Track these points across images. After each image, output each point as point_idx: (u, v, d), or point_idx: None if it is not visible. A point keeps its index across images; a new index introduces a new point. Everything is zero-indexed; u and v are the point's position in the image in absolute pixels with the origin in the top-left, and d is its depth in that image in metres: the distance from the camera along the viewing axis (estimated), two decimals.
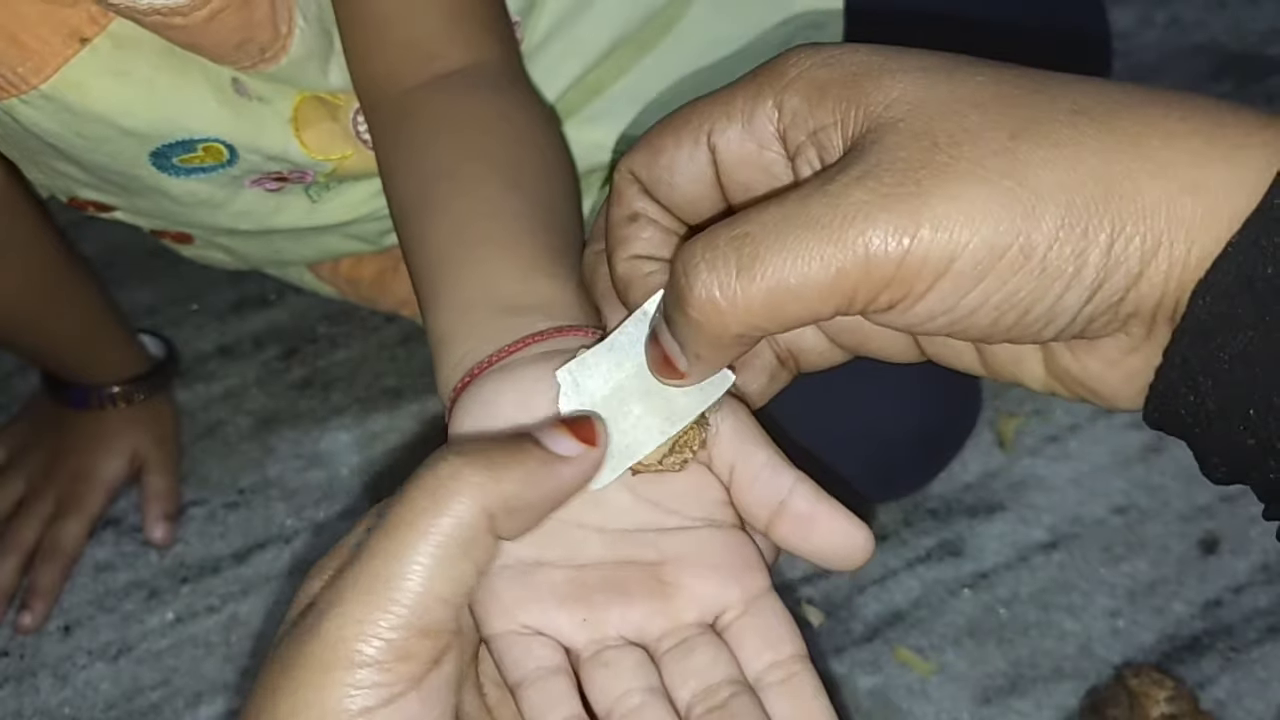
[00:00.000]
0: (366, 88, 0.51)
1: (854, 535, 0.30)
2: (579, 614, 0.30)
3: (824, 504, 0.30)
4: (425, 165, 0.45)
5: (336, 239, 0.68)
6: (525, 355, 0.34)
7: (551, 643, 0.30)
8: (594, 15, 0.62)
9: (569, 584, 0.30)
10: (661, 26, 0.66)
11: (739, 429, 0.31)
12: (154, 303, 0.85)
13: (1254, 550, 0.73)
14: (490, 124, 0.47)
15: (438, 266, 0.41)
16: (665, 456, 0.31)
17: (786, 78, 0.26)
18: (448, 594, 0.26)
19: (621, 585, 0.30)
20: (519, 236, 0.41)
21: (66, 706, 0.68)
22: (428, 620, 0.25)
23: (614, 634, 0.30)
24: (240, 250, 0.70)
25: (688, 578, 0.30)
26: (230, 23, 0.48)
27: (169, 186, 0.57)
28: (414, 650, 0.25)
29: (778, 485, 0.30)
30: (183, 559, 0.74)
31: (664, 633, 0.30)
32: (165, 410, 0.77)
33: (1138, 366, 0.26)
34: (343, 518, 0.75)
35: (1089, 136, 0.24)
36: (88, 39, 0.48)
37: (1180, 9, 1.05)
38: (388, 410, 0.80)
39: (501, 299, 0.38)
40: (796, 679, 0.29)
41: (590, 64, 0.63)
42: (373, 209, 0.65)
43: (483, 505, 0.26)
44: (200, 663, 0.70)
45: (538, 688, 0.29)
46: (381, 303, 0.78)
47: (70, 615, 0.72)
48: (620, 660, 0.29)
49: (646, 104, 0.65)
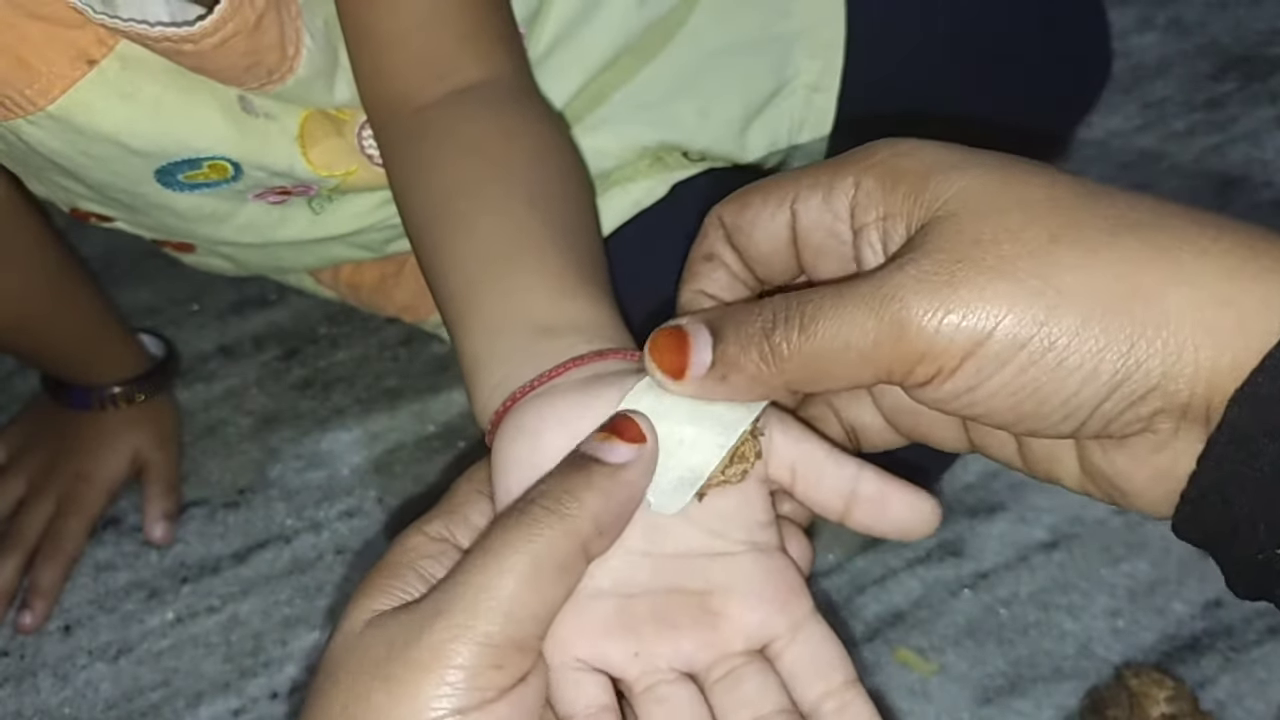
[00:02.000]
0: (377, 105, 0.51)
1: (922, 507, 0.32)
2: (630, 647, 0.30)
3: (891, 483, 0.32)
4: (443, 182, 0.45)
5: (339, 247, 0.68)
6: (567, 380, 0.34)
7: (602, 679, 0.30)
8: (597, 24, 0.62)
9: (619, 615, 0.31)
10: (663, 35, 0.66)
11: (791, 430, 0.32)
12: (154, 303, 0.85)
13: None
14: (508, 141, 0.47)
15: (466, 287, 0.40)
16: (726, 469, 0.31)
17: (869, 161, 0.29)
18: (541, 612, 0.27)
19: (671, 616, 0.31)
20: (547, 256, 0.41)
21: (66, 706, 0.68)
22: (521, 634, 0.27)
23: (664, 665, 0.31)
24: (242, 259, 0.70)
25: (735, 607, 0.31)
26: (240, 48, 0.48)
27: (173, 202, 0.57)
28: (506, 661, 0.27)
29: (844, 474, 0.32)
30: (183, 559, 0.74)
31: (713, 662, 0.31)
32: (166, 410, 0.77)
33: (1164, 466, 0.26)
34: (343, 518, 0.75)
35: (1124, 245, 0.25)
36: (95, 61, 0.48)
37: (1181, 9, 1.04)
38: (389, 410, 0.80)
39: (535, 321, 0.38)
40: (851, 708, 0.30)
41: (593, 72, 0.63)
42: (376, 220, 0.65)
43: (574, 531, 0.28)
44: (200, 663, 0.70)
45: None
46: (383, 308, 0.78)
47: (70, 615, 0.72)
48: (674, 696, 0.30)
49: (648, 111, 0.65)
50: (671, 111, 0.65)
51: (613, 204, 0.64)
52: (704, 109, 0.66)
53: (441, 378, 0.81)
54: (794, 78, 0.68)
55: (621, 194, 0.64)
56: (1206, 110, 0.97)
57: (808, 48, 0.68)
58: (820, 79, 0.68)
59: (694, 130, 0.65)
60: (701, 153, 0.66)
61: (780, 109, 0.68)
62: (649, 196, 0.65)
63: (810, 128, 0.69)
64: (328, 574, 0.73)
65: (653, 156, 0.66)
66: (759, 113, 0.67)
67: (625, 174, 0.65)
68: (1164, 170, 0.93)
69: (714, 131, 0.66)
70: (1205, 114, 0.97)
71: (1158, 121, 0.96)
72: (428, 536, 0.31)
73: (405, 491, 0.76)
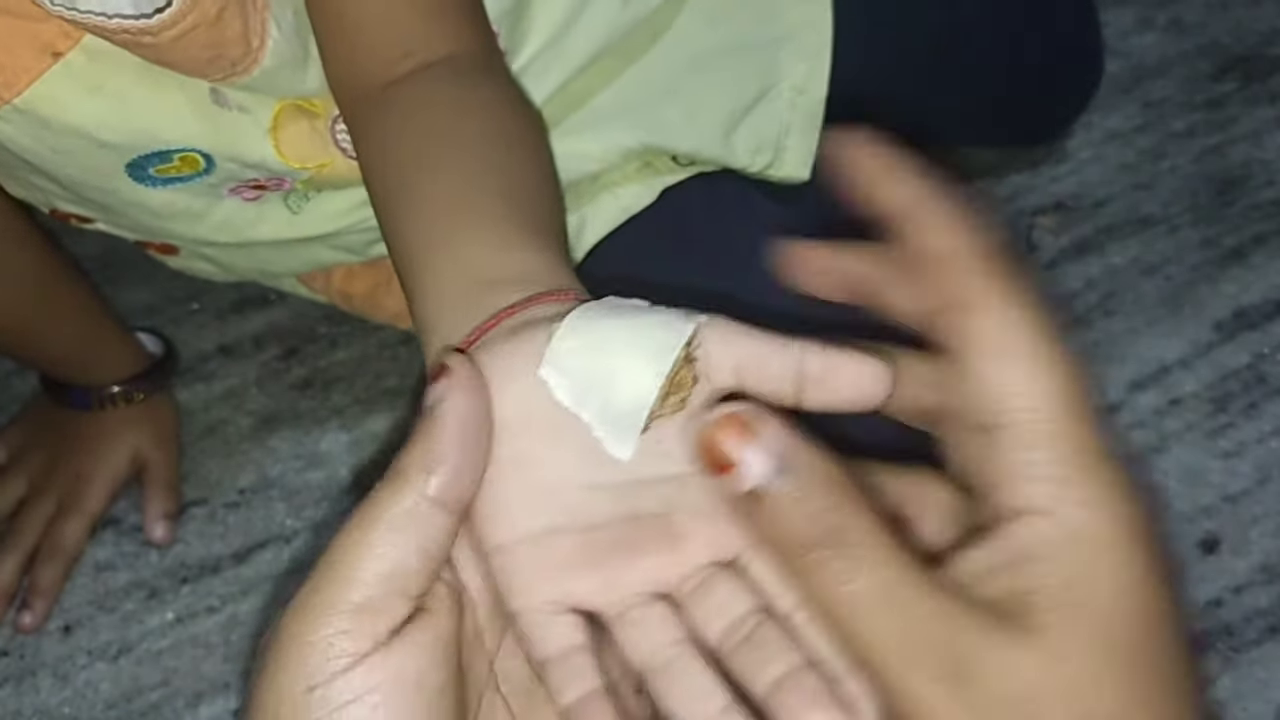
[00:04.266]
0: (345, 90, 0.51)
1: (871, 369, 0.30)
2: (597, 579, 0.30)
3: (835, 355, 0.30)
4: (399, 156, 0.45)
5: (321, 250, 0.67)
6: (498, 330, 0.34)
7: (572, 618, 0.30)
8: (582, 24, 0.61)
9: (582, 550, 0.30)
10: (648, 37, 0.65)
11: (725, 333, 0.31)
12: (154, 302, 0.85)
13: (1254, 550, 0.73)
14: (464, 108, 0.47)
15: (416, 254, 0.40)
16: (664, 400, 0.31)
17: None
18: (384, 569, 0.27)
19: (633, 543, 0.30)
20: (495, 214, 0.40)
21: (66, 706, 0.68)
22: (364, 596, 0.27)
23: (634, 591, 0.30)
24: (225, 262, 0.69)
25: (696, 523, 0.30)
26: (200, 40, 0.47)
27: (146, 198, 0.57)
28: (357, 625, 0.26)
29: (788, 360, 0.30)
30: (183, 559, 0.74)
31: (682, 579, 0.30)
32: (166, 409, 0.77)
33: None
34: (342, 518, 0.75)
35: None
36: (60, 53, 0.48)
37: (1181, 10, 1.04)
38: (388, 410, 0.80)
39: (478, 276, 0.37)
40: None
41: (573, 73, 0.62)
42: (355, 220, 0.64)
43: (401, 484, 0.28)
44: (200, 663, 0.70)
45: (561, 667, 0.29)
46: (375, 316, 0.77)
47: (70, 615, 0.72)
48: (646, 617, 0.30)
49: (632, 114, 0.65)
50: (656, 114, 0.65)
51: (602, 210, 0.63)
52: (689, 112, 0.65)
53: None
54: (780, 80, 0.68)
55: (611, 200, 0.63)
56: (1207, 110, 0.97)
57: (794, 50, 0.68)
58: (807, 82, 0.68)
59: (679, 133, 0.65)
60: (689, 156, 0.66)
61: (767, 112, 0.67)
62: (637, 203, 0.65)
63: (797, 131, 0.68)
64: None
65: (641, 161, 0.66)
66: (745, 116, 0.67)
67: (613, 179, 0.65)
68: (1164, 170, 0.93)
69: (699, 134, 0.65)
70: (1205, 114, 0.97)
71: (1158, 121, 0.96)
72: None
73: None
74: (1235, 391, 0.81)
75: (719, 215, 0.65)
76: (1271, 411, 0.80)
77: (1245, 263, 0.87)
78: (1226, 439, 0.78)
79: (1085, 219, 0.90)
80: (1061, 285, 0.86)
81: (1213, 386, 0.81)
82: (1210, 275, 0.87)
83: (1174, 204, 0.91)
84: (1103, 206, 0.91)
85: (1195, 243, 0.89)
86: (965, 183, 0.92)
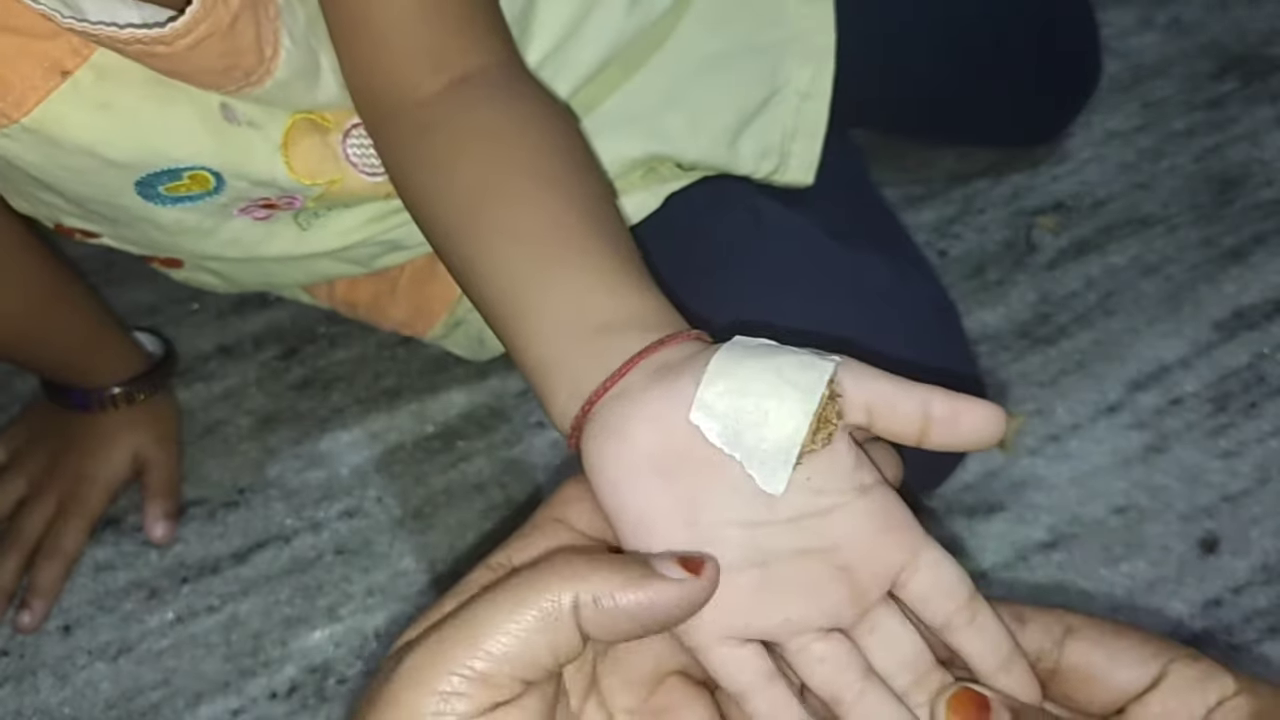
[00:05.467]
0: (373, 102, 0.50)
1: (991, 415, 0.33)
2: (779, 614, 0.32)
3: (959, 400, 0.33)
4: (466, 181, 0.45)
5: (328, 263, 0.67)
6: (638, 374, 0.35)
7: (758, 647, 0.32)
8: (585, 35, 0.61)
9: (761, 586, 0.32)
10: (651, 44, 0.65)
11: (857, 373, 0.33)
12: (154, 302, 0.85)
13: (1254, 550, 0.73)
14: (521, 129, 0.46)
15: (514, 293, 0.40)
16: (814, 436, 0.32)
17: None
18: (524, 658, 0.27)
19: (808, 579, 0.32)
20: (589, 252, 0.41)
21: (66, 706, 0.68)
22: (497, 672, 0.27)
23: (813, 627, 0.32)
24: (230, 274, 0.69)
25: (861, 556, 0.32)
26: (214, 49, 0.47)
27: (155, 216, 0.57)
28: (476, 691, 0.27)
29: (915, 401, 0.33)
30: (183, 559, 0.74)
31: (857, 615, 0.32)
32: (166, 409, 0.77)
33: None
34: (343, 517, 0.75)
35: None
36: (69, 72, 0.47)
37: (1181, 9, 1.04)
38: (388, 410, 0.80)
39: (593, 320, 0.38)
40: (979, 616, 0.32)
41: (580, 82, 0.62)
42: (364, 236, 0.64)
43: (573, 590, 0.28)
44: (200, 662, 0.70)
45: (762, 696, 0.31)
46: (379, 324, 0.77)
47: (70, 615, 0.72)
48: (831, 653, 0.32)
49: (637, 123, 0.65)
50: (661, 122, 0.65)
51: None
52: (694, 119, 0.65)
53: (440, 378, 0.81)
54: (785, 85, 0.67)
55: None
56: (1206, 110, 0.97)
57: (799, 55, 0.68)
58: (812, 86, 0.68)
59: (684, 141, 0.65)
60: (694, 163, 0.66)
61: (771, 117, 0.67)
62: (641, 210, 0.65)
63: (802, 136, 0.68)
64: (327, 574, 0.73)
65: (646, 168, 0.66)
66: (750, 121, 0.67)
67: (619, 186, 0.65)
68: (1164, 170, 0.93)
69: (704, 142, 0.65)
70: (1205, 114, 0.97)
71: (1158, 121, 0.96)
72: (490, 569, 0.31)
73: (405, 491, 0.76)
74: (1235, 391, 0.81)
75: (724, 220, 0.65)
76: (1271, 411, 0.80)
77: (1245, 262, 0.87)
78: (1226, 439, 0.78)
79: (1085, 219, 0.90)
80: (1061, 285, 0.86)
81: (1212, 386, 0.81)
82: (1210, 275, 0.87)
83: (1174, 204, 0.91)
84: (1102, 206, 0.91)
85: (1195, 242, 0.89)
86: (965, 183, 0.92)
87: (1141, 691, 0.30)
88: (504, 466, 0.77)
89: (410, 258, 0.69)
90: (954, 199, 0.91)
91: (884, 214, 0.80)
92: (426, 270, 0.71)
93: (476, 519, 0.75)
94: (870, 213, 0.78)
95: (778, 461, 0.32)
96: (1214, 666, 0.30)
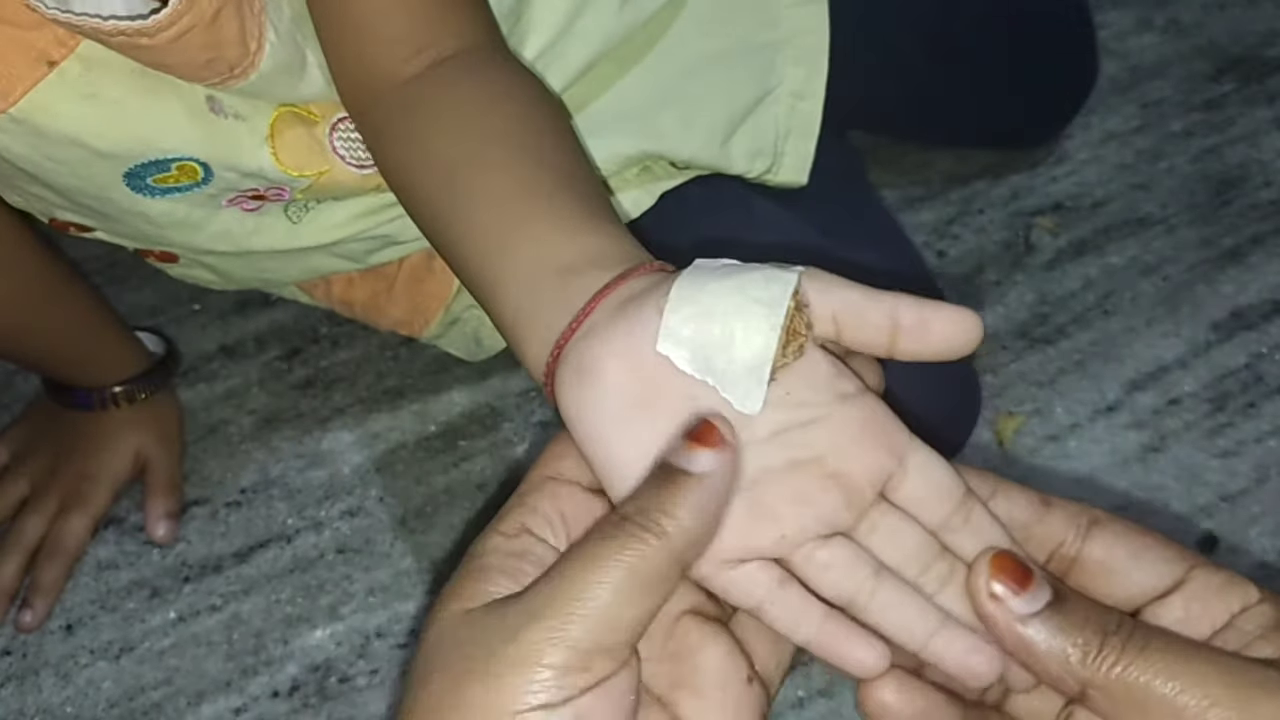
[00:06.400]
0: (358, 90, 0.51)
1: (964, 319, 0.32)
2: (775, 532, 0.31)
3: (929, 306, 0.32)
4: (442, 154, 0.45)
5: (321, 258, 0.67)
6: (602, 312, 0.35)
7: (763, 562, 0.31)
8: (577, 32, 0.61)
9: (753, 508, 0.31)
10: (645, 42, 0.65)
11: (822, 283, 0.33)
12: (156, 303, 0.85)
13: (1254, 550, 0.73)
14: (497, 104, 0.47)
15: (488, 253, 0.41)
16: (784, 349, 0.32)
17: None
18: (632, 623, 0.28)
19: (798, 491, 0.32)
20: (555, 202, 0.41)
21: (69, 705, 0.68)
22: (610, 642, 0.27)
23: (812, 536, 0.31)
24: (225, 270, 0.69)
25: (850, 462, 0.32)
26: (198, 41, 0.47)
27: (145, 207, 0.57)
28: (593, 664, 0.27)
29: (883, 309, 0.32)
30: (185, 558, 0.74)
31: (854, 519, 0.32)
32: (168, 409, 0.77)
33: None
34: (345, 517, 0.75)
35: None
36: (55, 62, 0.47)
37: (1179, 10, 1.05)
38: (389, 410, 0.80)
39: (557, 265, 0.38)
40: (974, 516, 0.32)
41: (570, 79, 0.62)
42: (355, 231, 0.64)
43: (668, 547, 0.28)
44: (202, 661, 0.70)
45: (779, 605, 0.31)
46: (377, 323, 0.77)
47: (72, 614, 0.72)
48: (837, 557, 0.31)
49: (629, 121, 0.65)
50: (654, 121, 0.65)
51: None
52: (687, 118, 0.65)
53: (442, 377, 0.81)
54: (778, 85, 0.67)
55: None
56: (1205, 111, 0.97)
57: (792, 55, 0.68)
58: (805, 86, 0.68)
59: (677, 140, 0.65)
60: (687, 162, 0.66)
61: (764, 117, 0.67)
62: (636, 208, 0.65)
63: (795, 136, 0.68)
64: (329, 573, 0.73)
65: (639, 166, 0.66)
66: (743, 121, 0.67)
67: (614, 184, 0.65)
68: (1162, 170, 0.94)
69: (697, 141, 0.65)
70: (1203, 115, 0.97)
71: (1156, 122, 0.97)
72: (504, 535, 0.31)
73: (406, 490, 0.76)
74: (1233, 391, 0.81)
75: (717, 218, 0.65)
76: (1269, 411, 0.80)
77: (1243, 263, 0.88)
78: (1225, 438, 0.78)
79: (1084, 219, 0.91)
80: (1060, 286, 0.86)
81: (1211, 386, 0.81)
82: (1208, 275, 0.87)
83: (1172, 204, 0.91)
84: (1101, 207, 0.91)
85: (1193, 243, 0.89)
86: (964, 184, 0.93)
87: (1161, 594, 0.30)
88: (505, 466, 0.77)
89: (405, 253, 0.69)
90: (953, 200, 0.91)
91: (881, 215, 0.81)
92: (423, 268, 0.71)
93: (478, 518, 0.75)
94: (867, 213, 0.78)
95: (751, 381, 0.32)
96: (1236, 576, 0.29)
